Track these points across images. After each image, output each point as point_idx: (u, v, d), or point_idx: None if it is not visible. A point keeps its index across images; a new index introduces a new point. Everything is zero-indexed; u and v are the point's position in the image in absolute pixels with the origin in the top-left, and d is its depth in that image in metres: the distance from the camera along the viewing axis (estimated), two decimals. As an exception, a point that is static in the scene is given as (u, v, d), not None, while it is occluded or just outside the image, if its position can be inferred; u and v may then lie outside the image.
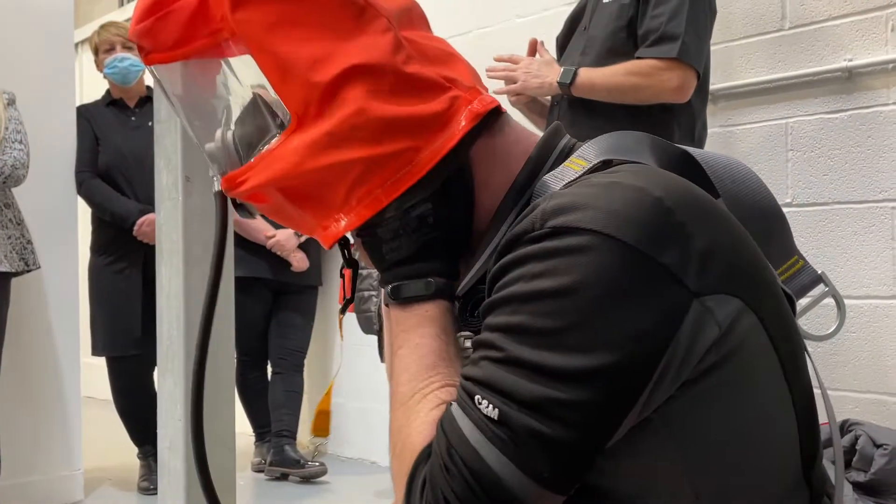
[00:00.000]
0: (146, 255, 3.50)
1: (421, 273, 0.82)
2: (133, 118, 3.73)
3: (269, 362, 3.93)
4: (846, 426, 2.32)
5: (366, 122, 0.79)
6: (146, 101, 3.72)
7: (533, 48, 2.50)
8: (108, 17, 5.14)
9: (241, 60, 0.86)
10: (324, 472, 3.71)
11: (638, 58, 2.30)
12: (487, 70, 2.43)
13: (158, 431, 1.62)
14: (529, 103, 2.54)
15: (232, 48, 0.86)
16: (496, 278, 0.74)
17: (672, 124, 2.34)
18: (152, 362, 1.91)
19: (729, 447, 0.73)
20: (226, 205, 0.93)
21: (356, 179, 0.81)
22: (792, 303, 0.84)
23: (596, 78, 2.32)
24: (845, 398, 2.57)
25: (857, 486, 2.19)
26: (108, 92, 3.78)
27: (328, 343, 4.23)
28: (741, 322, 0.71)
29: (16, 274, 3.13)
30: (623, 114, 2.29)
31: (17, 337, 3.29)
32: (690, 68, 2.28)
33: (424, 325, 0.81)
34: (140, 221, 3.51)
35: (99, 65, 3.73)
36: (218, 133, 0.91)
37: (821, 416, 0.82)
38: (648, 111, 2.31)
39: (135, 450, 3.70)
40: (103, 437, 4.06)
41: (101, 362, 3.71)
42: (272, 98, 0.87)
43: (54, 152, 3.49)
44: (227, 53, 0.87)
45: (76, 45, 4.30)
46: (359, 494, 3.61)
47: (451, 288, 0.83)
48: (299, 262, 3.82)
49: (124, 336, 3.58)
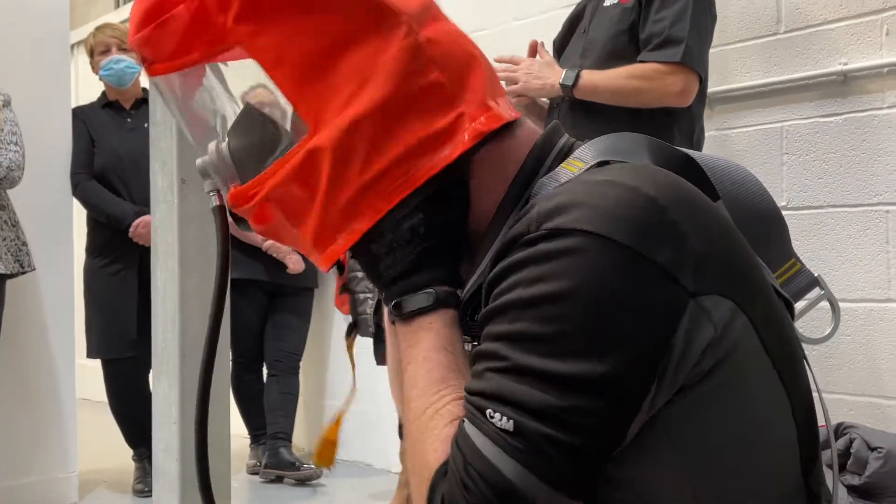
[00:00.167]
0: (142, 257, 3.49)
1: (421, 285, 0.80)
2: (129, 120, 3.72)
3: (265, 364, 3.92)
4: (841, 429, 2.32)
5: (370, 138, 0.78)
6: (142, 103, 3.71)
7: (533, 49, 2.50)
8: (104, 19, 5.13)
9: (245, 69, 0.85)
10: (319, 475, 3.70)
11: (641, 61, 2.30)
12: None
13: (153, 434, 1.62)
14: (529, 105, 2.54)
15: (236, 55, 0.84)
16: (494, 284, 0.73)
17: (673, 128, 2.33)
18: (147, 364, 1.91)
19: (727, 451, 0.73)
20: (226, 220, 0.90)
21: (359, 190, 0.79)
22: (790, 307, 0.84)
23: (599, 80, 2.32)
24: (840, 401, 2.57)
25: (852, 490, 2.19)
26: (104, 94, 3.77)
27: (324, 345, 4.22)
28: (734, 323, 0.71)
29: (11, 276, 3.12)
30: (625, 117, 2.28)
31: (13, 339, 3.28)
32: (693, 72, 2.28)
33: (430, 339, 0.79)
34: (136, 223, 3.50)
35: (94, 67, 3.71)
36: (212, 146, 0.89)
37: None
38: (650, 115, 2.31)
39: (130, 452, 3.69)
40: (98, 440, 4.05)
41: (97, 364, 3.70)
42: (279, 107, 0.85)
43: (50, 154, 3.48)
44: (231, 60, 0.86)
45: (72, 47, 4.30)
46: (354, 497, 3.60)
47: (455, 295, 0.81)
48: (295, 265, 3.81)
49: (119, 338, 3.57)
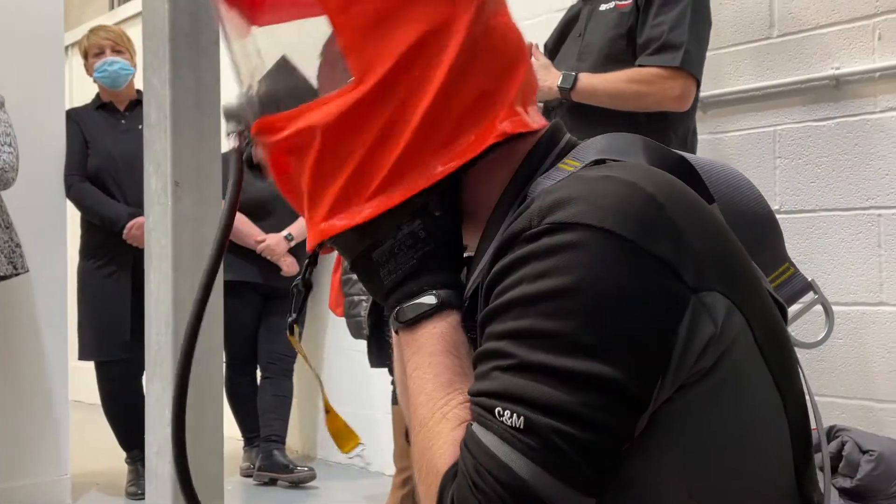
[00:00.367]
0: (135, 259, 3.48)
1: (422, 289, 0.79)
2: (123, 122, 3.72)
3: (259, 367, 3.92)
4: (833, 432, 2.32)
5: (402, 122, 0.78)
6: (136, 105, 3.71)
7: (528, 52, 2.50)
8: (98, 21, 5.13)
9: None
10: (312, 478, 3.70)
11: (640, 65, 2.30)
12: None
13: (146, 436, 1.62)
14: None
15: None
16: (495, 282, 0.73)
17: (669, 132, 2.34)
18: (141, 366, 1.91)
19: (727, 451, 0.73)
20: (241, 163, 0.89)
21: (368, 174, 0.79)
22: (783, 310, 0.84)
23: (597, 84, 2.32)
24: (832, 404, 2.58)
25: (844, 492, 2.19)
26: (98, 95, 3.77)
27: (318, 348, 4.22)
28: (732, 322, 0.71)
29: (4, 277, 3.12)
30: (622, 121, 2.28)
31: (5, 340, 3.28)
32: (692, 77, 2.29)
33: (435, 343, 0.78)
34: (129, 225, 3.50)
35: (88, 69, 3.72)
36: (244, 88, 0.88)
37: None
38: (647, 119, 2.31)
39: (123, 454, 3.68)
40: (91, 442, 4.05)
41: (90, 366, 3.70)
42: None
43: (44, 156, 3.48)
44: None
45: (66, 49, 4.29)
46: (348, 499, 3.60)
47: (459, 296, 0.80)
48: (289, 267, 3.81)
49: (112, 340, 3.56)
